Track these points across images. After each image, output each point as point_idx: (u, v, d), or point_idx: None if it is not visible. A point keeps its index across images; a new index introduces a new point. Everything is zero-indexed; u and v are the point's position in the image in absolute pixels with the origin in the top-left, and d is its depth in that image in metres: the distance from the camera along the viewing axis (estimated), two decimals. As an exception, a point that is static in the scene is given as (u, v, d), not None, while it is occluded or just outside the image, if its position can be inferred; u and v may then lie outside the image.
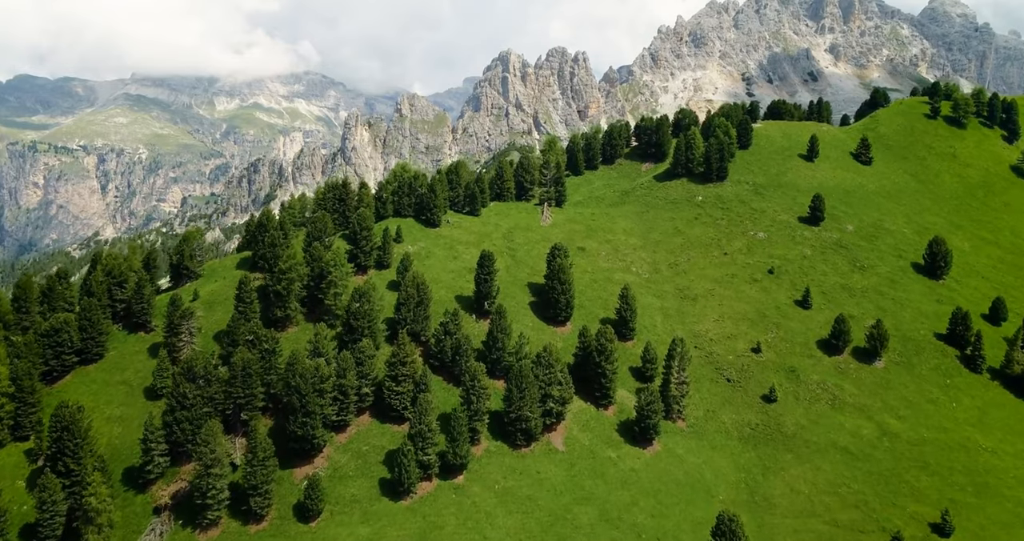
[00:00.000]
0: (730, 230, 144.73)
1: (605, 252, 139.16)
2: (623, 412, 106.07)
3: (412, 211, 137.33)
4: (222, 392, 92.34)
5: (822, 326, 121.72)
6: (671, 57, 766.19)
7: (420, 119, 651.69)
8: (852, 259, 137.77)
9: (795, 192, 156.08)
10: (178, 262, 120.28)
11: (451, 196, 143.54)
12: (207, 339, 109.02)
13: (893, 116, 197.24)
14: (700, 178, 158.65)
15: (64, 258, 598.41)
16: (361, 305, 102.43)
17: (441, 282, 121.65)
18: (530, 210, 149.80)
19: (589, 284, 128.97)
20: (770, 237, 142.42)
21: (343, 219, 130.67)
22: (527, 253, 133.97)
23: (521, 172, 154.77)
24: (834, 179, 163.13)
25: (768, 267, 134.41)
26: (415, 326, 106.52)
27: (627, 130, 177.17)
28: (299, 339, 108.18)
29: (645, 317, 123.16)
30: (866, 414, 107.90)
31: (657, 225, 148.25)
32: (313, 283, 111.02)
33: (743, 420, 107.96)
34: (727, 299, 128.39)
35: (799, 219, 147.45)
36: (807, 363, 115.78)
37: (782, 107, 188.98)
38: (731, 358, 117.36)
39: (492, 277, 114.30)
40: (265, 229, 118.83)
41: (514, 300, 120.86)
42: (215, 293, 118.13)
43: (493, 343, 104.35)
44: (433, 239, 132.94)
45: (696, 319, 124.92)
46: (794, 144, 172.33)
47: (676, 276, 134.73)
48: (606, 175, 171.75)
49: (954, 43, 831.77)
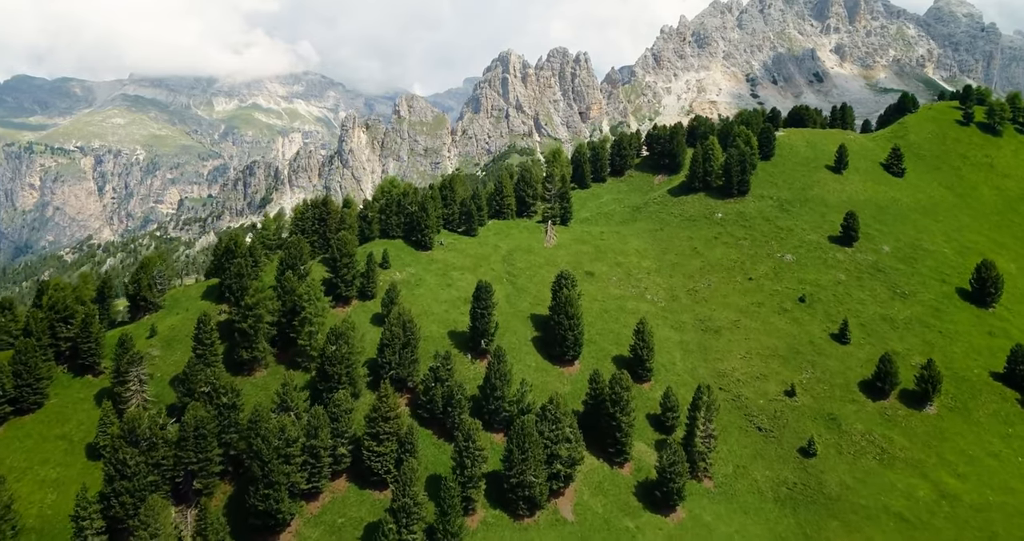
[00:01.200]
0: (754, 251, 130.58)
1: (616, 277, 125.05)
2: (641, 470, 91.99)
3: (401, 232, 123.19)
4: (171, 457, 78.30)
5: (863, 364, 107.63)
6: (674, 58, 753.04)
7: (419, 121, 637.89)
8: (891, 285, 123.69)
9: (824, 208, 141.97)
10: (135, 292, 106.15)
11: (445, 214, 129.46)
12: (162, 385, 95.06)
13: (923, 123, 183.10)
14: (719, 192, 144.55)
15: (56, 262, 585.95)
16: (338, 348, 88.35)
17: (432, 315, 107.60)
18: (532, 229, 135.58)
19: (599, 315, 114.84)
20: (799, 260, 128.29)
21: (324, 242, 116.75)
22: (529, 279, 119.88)
23: (522, 186, 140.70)
24: (865, 193, 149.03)
25: (799, 294, 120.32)
26: (401, 371, 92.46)
27: (637, 139, 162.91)
28: (268, 385, 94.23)
29: (663, 353, 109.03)
30: (920, 471, 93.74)
31: (673, 245, 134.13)
32: (285, 319, 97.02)
33: (778, 478, 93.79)
34: (754, 332, 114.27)
35: (830, 239, 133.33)
36: (849, 409, 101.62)
37: (804, 113, 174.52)
38: (762, 402, 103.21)
39: (490, 311, 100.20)
40: (232, 255, 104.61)
41: (515, 335, 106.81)
42: (176, 328, 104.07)
43: (491, 391, 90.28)
44: (424, 264, 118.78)
45: (720, 356, 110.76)
46: (820, 154, 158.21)
47: (696, 304, 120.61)
48: (615, 188, 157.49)
49: (960, 43, 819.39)
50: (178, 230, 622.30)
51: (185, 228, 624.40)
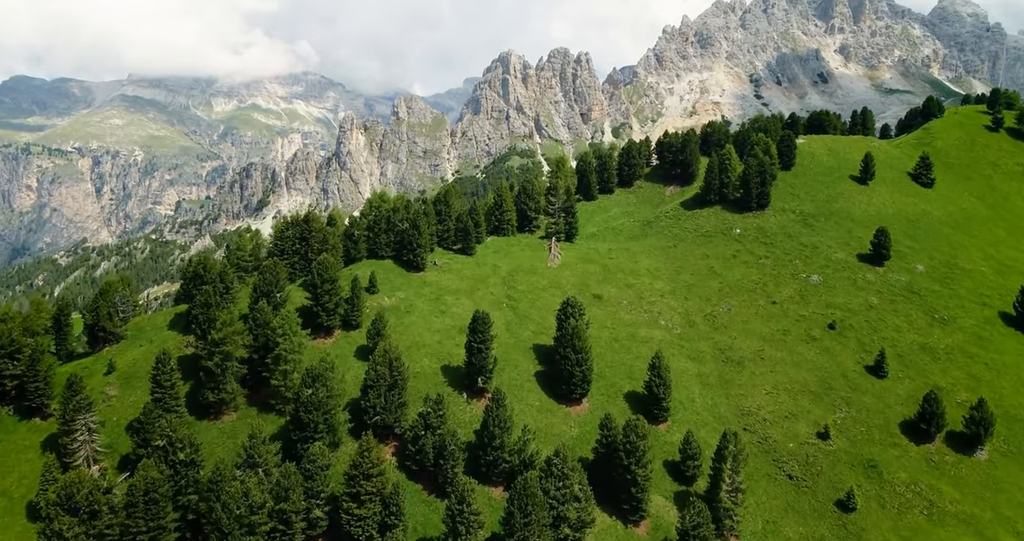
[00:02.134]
0: (777, 272, 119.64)
1: (627, 300, 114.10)
2: (659, 528, 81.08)
3: (391, 251, 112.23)
4: (118, 525, 67.43)
5: (904, 402, 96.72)
6: (676, 58, 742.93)
7: (418, 122, 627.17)
8: (928, 309, 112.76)
9: (850, 223, 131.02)
10: (93, 322, 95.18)
11: (439, 230, 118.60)
12: (118, 432, 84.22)
13: (949, 128, 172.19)
14: (736, 205, 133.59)
15: (51, 265, 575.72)
16: (314, 392, 77.49)
17: (424, 347, 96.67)
18: (535, 246, 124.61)
19: (609, 345, 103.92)
20: (826, 281, 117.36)
21: (306, 263, 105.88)
22: (532, 304, 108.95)
23: (524, 198, 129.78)
24: (893, 206, 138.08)
25: (828, 321, 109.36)
26: (386, 416, 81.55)
27: (647, 147, 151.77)
28: (236, 431, 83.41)
29: (680, 388, 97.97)
30: (975, 529, 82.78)
31: (688, 264, 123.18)
32: (257, 356, 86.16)
33: (814, 535, 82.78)
34: (781, 364, 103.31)
35: (859, 257, 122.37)
36: (890, 455, 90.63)
37: (824, 119, 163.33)
38: (792, 446, 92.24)
39: (488, 345, 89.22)
40: (201, 281, 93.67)
41: (516, 370, 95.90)
42: (137, 363, 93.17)
43: (489, 440, 79.37)
44: (416, 287, 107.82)
45: (743, 391, 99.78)
46: (843, 163, 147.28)
47: (715, 331, 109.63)
48: (624, 200, 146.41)
49: (966, 43, 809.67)
50: (174, 233, 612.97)
51: (181, 231, 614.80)
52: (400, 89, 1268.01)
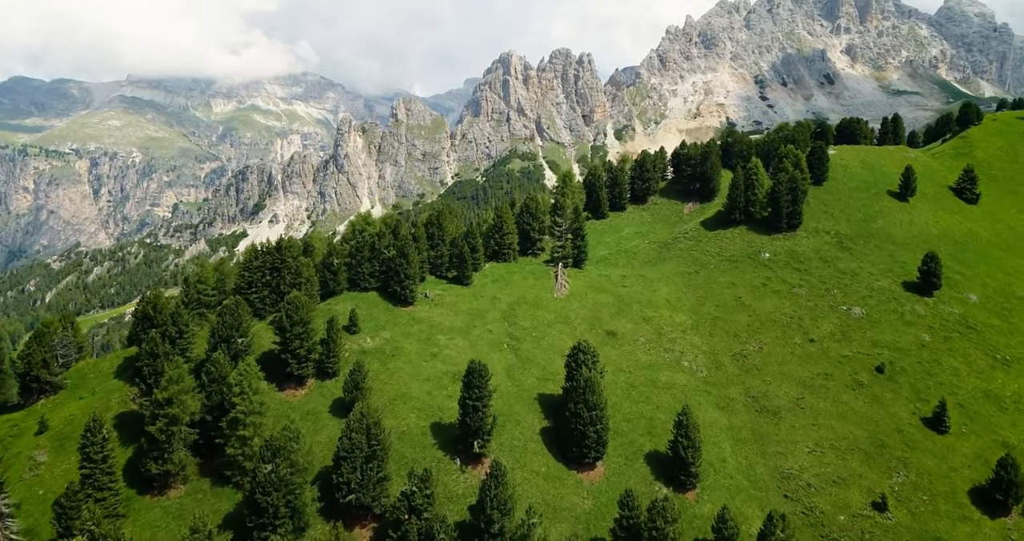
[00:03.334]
0: (814, 303, 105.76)
1: (644, 337, 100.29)
2: (691, 629, 67.38)
3: (375, 282, 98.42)
4: None
5: (971, 463, 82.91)
6: (680, 59, 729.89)
7: (417, 124, 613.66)
8: (988, 347, 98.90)
9: (891, 245, 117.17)
10: (25, 371, 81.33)
11: (431, 257, 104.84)
12: (43, 509, 70.37)
13: (989, 137, 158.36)
14: (764, 226, 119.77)
15: (43, 270, 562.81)
16: (275, 469, 63.75)
17: (411, 399, 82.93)
18: (539, 273, 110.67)
19: (626, 392, 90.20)
20: (869, 314, 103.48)
21: (278, 298, 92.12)
22: (536, 344, 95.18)
23: (527, 218, 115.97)
24: (937, 225, 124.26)
25: (875, 363, 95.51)
26: (363, 494, 67.75)
27: (662, 159, 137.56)
28: (184, 510, 69.69)
29: (709, 443, 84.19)
30: (1069, 628, 69.11)
31: (711, 294, 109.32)
32: (212, 417, 72.46)
33: (875, 635, 69.14)
34: (824, 415, 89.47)
35: (904, 286, 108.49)
36: (960, 532, 76.79)
37: (856, 127, 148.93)
38: (843, 519, 78.41)
39: (485, 402, 75.45)
40: (151, 323, 79.84)
41: (518, 427, 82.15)
42: (75, 421, 79.26)
43: (487, 525, 65.60)
44: (404, 325, 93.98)
45: (783, 448, 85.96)
46: (879, 177, 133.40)
47: (746, 375, 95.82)
48: (637, 218, 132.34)
49: (973, 44, 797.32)
50: (169, 237, 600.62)
51: (176, 235, 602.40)
52: (400, 90, 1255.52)
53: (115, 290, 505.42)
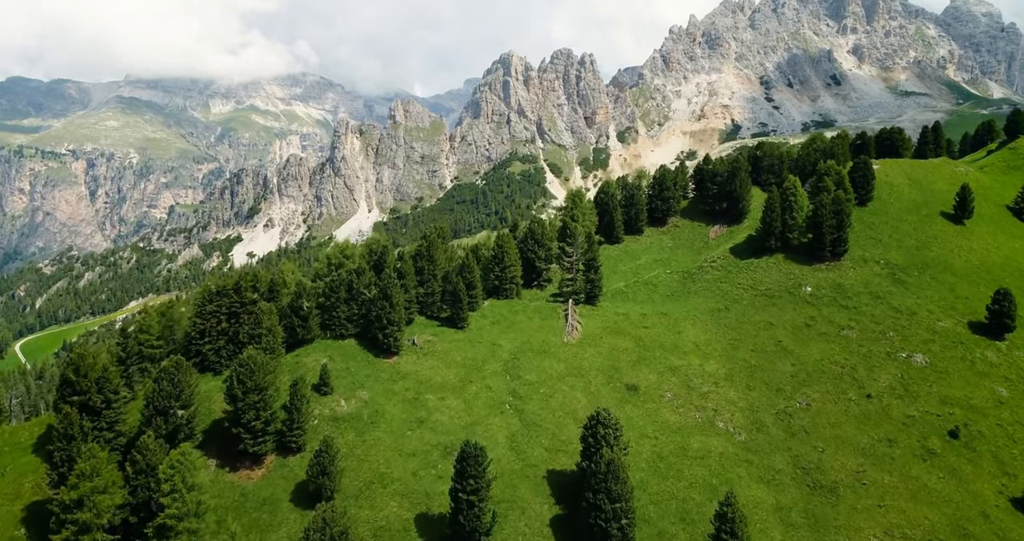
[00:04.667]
0: (867, 349, 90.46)
1: (671, 391, 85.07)
2: None
3: (354, 328, 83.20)
4: None
5: (1078, 560, 67.87)
6: (684, 59, 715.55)
7: (415, 126, 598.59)
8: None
9: (951, 277, 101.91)
10: (-81, 446, 66.05)
11: (421, 294, 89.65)
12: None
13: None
14: (803, 254, 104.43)
15: (34, 274, 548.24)
16: (208, 603, 48.56)
17: (392, 482, 67.69)
18: (545, 312, 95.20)
19: (652, 465, 75.02)
20: (934, 363, 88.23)
21: (236, 349, 76.89)
22: (544, 404, 79.92)
23: (531, 245, 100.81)
24: (999, 252, 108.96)
25: (948, 426, 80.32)
26: (326, 629, 52.59)
27: (684, 177, 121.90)
28: None
29: (754, 532, 69.06)
30: None
31: (746, 336, 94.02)
32: (137, 518, 57.28)
33: None
34: (891, 494, 74.27)
35: (970, 327, 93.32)
36: None
37: (897, 139, 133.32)
38: (927, 637, 63.39)
39: (483, 494, 60.33)
40: (73, 390, 64.51)
41: (523, 517, 66.92)
42: (-23, 510, 64.23)
43: None
44: (386, 382, 78.71)
45: (844, 537, 70.78)
46: (929, 196, 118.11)
47: (793, 439, 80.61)
48: (656, 243, 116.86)
49: (981, 44, 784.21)
50: (162, 241, 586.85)
51: (170, 239, 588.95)
52: (400, 90, 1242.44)
53: (106, 296, 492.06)
